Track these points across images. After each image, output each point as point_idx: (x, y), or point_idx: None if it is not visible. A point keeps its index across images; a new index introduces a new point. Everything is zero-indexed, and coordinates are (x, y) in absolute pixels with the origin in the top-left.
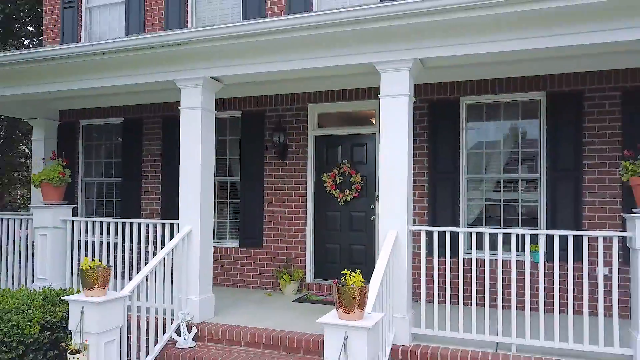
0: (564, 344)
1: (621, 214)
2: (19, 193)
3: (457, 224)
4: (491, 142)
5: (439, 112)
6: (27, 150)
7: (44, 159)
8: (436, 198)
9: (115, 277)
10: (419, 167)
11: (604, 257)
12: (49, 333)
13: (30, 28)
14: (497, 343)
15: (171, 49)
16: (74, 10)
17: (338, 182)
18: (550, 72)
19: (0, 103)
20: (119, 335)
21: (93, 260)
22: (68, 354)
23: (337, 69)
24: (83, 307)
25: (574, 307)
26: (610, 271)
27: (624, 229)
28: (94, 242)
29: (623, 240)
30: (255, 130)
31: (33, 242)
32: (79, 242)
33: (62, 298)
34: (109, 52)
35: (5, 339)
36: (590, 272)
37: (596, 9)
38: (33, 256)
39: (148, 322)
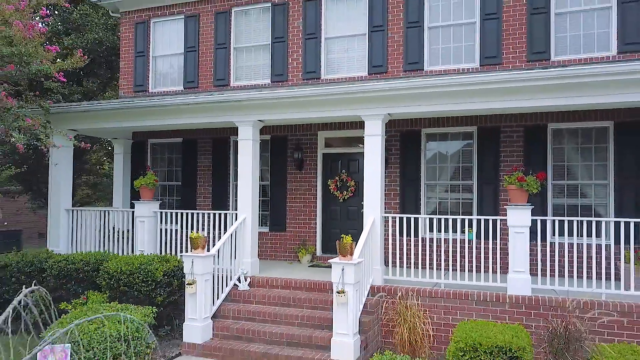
0: (470, 282)
1: None
2: (85, 192)
3: (419, 214)
4: (442, 159)
5: (407, 138)
6: (90, 160)
7: (145, 170)
8: (405, 197)
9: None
10: (394, 176)
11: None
12: (166, 277)
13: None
14: (435, 283)
15: (233, 103)
16: (144, 58)
17: (339, 186)
18: (479, 114)
19: (97, 131)
20: (210, 277)
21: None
22: (186, 285)
23: (337, 117)
24: (193, 259)
25: (485, 264)
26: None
27: None
28: (177, 230)
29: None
30: (280, 149)
31: (114, 227)
32: (166, 229)
33: (181, 255)
34: (192, 104)
35: (144, 279)
36: (482, 244)
37: (502, 92)
38: (124, 237)
39: (220, 275)
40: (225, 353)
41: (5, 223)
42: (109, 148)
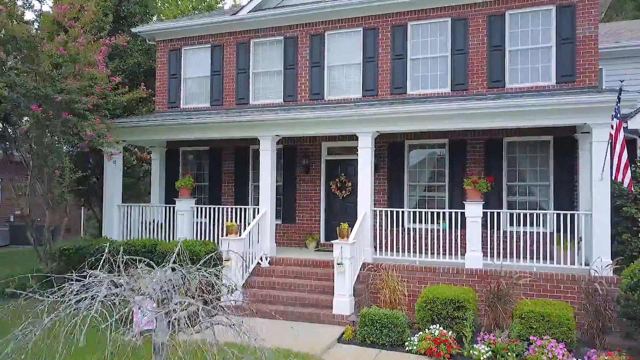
0: (438, 259)
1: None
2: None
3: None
4: (421, 164)
5: (393, 148)
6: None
7: (177, 173)
8: (392, 195)
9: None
10: (383, 178)
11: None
12: (206, 256)
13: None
14: (412, 261)
15: (257, 122)
16: (177, 79)
17: (338, 186)
18: (451, 130)
19: (141, 141)
20: (241, 256)
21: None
22: (223, 261)
23: (337, 133)
24: (229, 242)
25: (454, 248)
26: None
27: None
28: (208, 222)
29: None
30: (291, 156)
31: (154, 219)
32: (198, 222)
33: (221, 238)
34: (226, 122)
35: (191, 258)
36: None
37: (464, 117)
38: (163, 227)
39: (248, 256)
40: (253, 312)
41: (39, 219)
42: (146, 154)
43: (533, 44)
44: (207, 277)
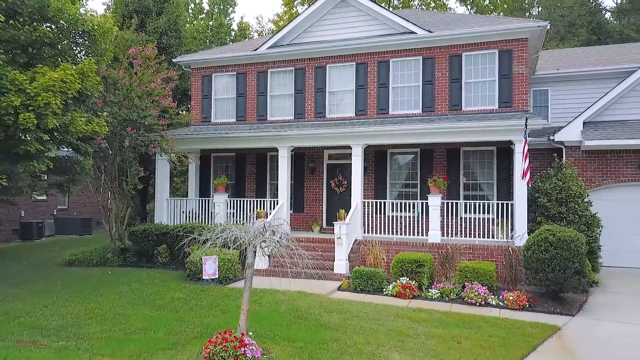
0: (409, 236)
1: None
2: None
3: (385, 200)
4: (400, 167)
5: (379, 155)
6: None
7: (221, 174)
8: (377, 190)
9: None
10: (370, 178)
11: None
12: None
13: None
14: (391, 238)
15: (277, 137)
16: (209, 99)
17: (337, 184)
18: (422, 143)
19: (182, 150)
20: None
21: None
22: None
23: (336, 144)
24: (263, 222)
25: (424, 231)
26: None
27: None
28: (236, 212)
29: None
30: (300, 161)
31: (189, 210)
32: (228, 213)
33: (253, 221)
34: (253, 136)
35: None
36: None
37: (431, 134)
38: (200, 215)
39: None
40: (277, 274)
41: (75, 213)
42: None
43: (482, 77)
44: (274, 228)
